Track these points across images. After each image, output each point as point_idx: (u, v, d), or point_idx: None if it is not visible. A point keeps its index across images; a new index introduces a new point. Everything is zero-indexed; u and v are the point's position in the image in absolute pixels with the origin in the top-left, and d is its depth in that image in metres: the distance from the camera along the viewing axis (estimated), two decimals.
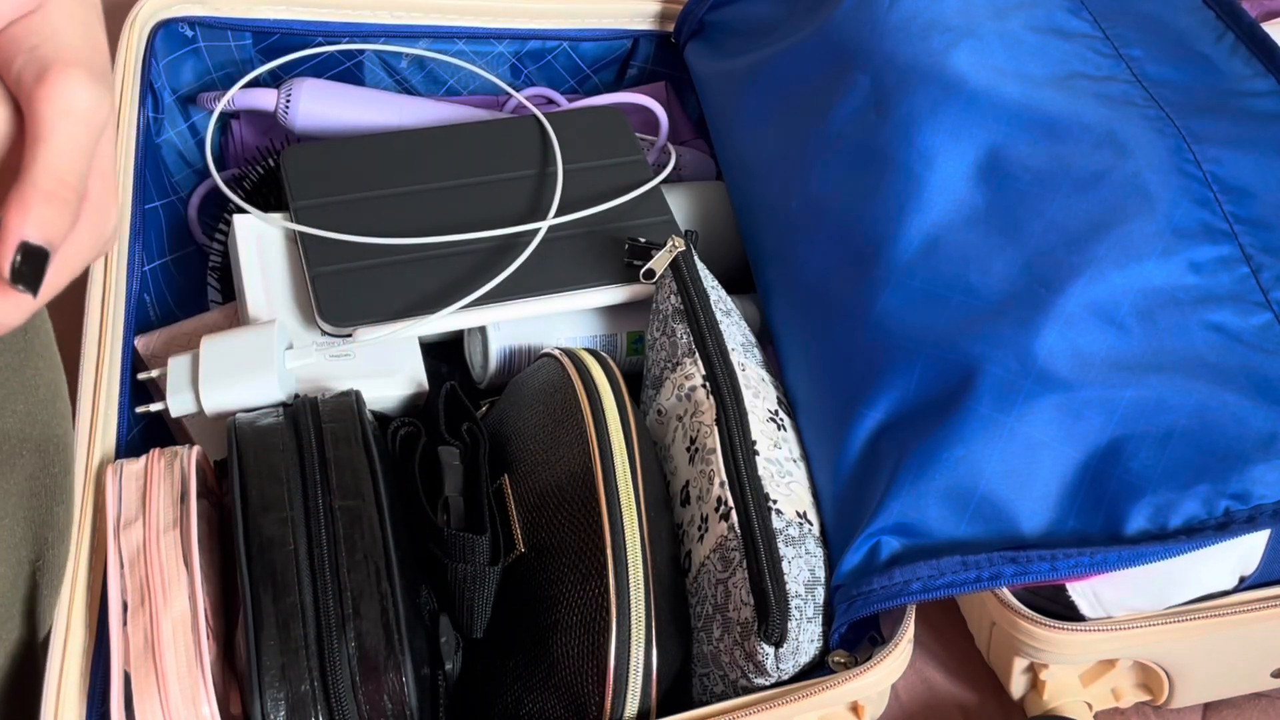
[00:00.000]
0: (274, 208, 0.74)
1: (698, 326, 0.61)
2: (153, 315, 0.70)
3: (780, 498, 0.55)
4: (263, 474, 0.53)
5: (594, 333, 0.70)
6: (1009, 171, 0.60)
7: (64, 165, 0.35)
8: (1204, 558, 0.53)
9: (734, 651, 0.52)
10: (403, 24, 0.79)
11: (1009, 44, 0.65)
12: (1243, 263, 0.57)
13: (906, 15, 0.67)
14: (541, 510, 0.55)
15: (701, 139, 0.86)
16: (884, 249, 0.60)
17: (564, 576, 0.52)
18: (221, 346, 0.60)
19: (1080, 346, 0.55)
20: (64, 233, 0.36)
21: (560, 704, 0.52)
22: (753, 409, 0.58)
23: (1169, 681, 0.59)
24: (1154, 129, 0.61)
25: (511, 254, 0.68)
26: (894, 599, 0.52)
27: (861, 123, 0.65)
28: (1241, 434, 0.52)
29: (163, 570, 0.51)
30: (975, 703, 0.64)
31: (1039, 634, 0.54)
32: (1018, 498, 0.53)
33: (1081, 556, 0.50)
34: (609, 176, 0.73)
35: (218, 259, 0.76)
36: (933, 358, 0.56)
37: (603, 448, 0.55)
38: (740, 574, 0.53)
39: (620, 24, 0.84)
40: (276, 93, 0.76)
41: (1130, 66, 0.65)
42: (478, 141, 0.74)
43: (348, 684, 0.48)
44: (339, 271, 0.66)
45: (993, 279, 0.57)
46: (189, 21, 0.75)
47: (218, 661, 0.51)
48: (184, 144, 0.79)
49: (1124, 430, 0.53)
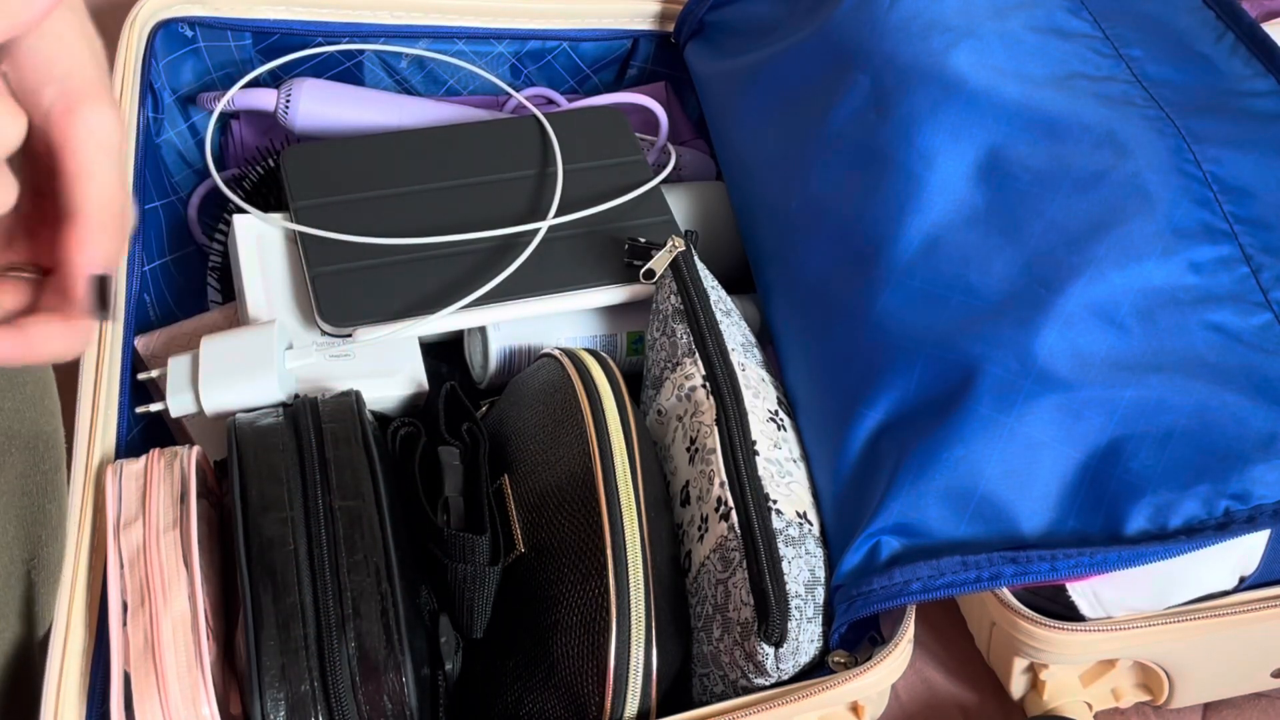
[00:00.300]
0: (274, 208, 0.74)
1: (698, 326, 0.61)
2: (153, 315, 0.70)
3: (780, 498, 0.55)
4: (263, 474, 0.53)
5: (594, 333, 0.70)
6: (1009, 171, 0.60)
7: (109, 197, 0.38)
8: (1204, 558, 0.53)
9: (734, 652, 0.52)
10: (403, 24, 0.79)
11: (1009, 44, 0.65)
12: (1243, 263, 0.57)
13: (906, 15, 0.67)
14: (541, 510, 0.55)
15: (701, 139, 0.86)
16: (884, 249, 0.60)
17: (564, 576, 0.52)
18: (221, 346, 0.60)
19: (1080, 346, 0.55)
20: (120, 256, 0.39)
21: (560, 704, 0.52)
22: (753, 409, 0.58)
23: (1169, 681, 0.59)
24: (1154, 129, 0.61)
25: (511, 254, 0.68)
26: (894, 599, 0.52)
27: (861, 123, 0.65)
28: (1241, 434, 0.52)
29: (163, 570, 0.51)
30: (975, 703, 0.64)
31: (1039, 634, 0.54)
32: (1018, 498, 0.53)
33: (1081, 556, 0.50)
34: (609, 176, 0.73)
35: (218, 259, 0.76)
36: (933, 358, 0.56)
37: (603, 448, 0.55)
38: (740, 574, 0.52)
39: (620, 24, 0.84)
40: (276, 93, 0.76)
41: (1130, 66, 0.65)
42: (477, 141, 0.74)
43: (348, 684, 0.48)
44: (339, 271, 0.66)
45: (993, 279, 0.57)
46: (189, 21, 0.75)
47: (218, 662, 0.51)
48: (184, 144, 0.79)
49: (1124, 430, 0.53)
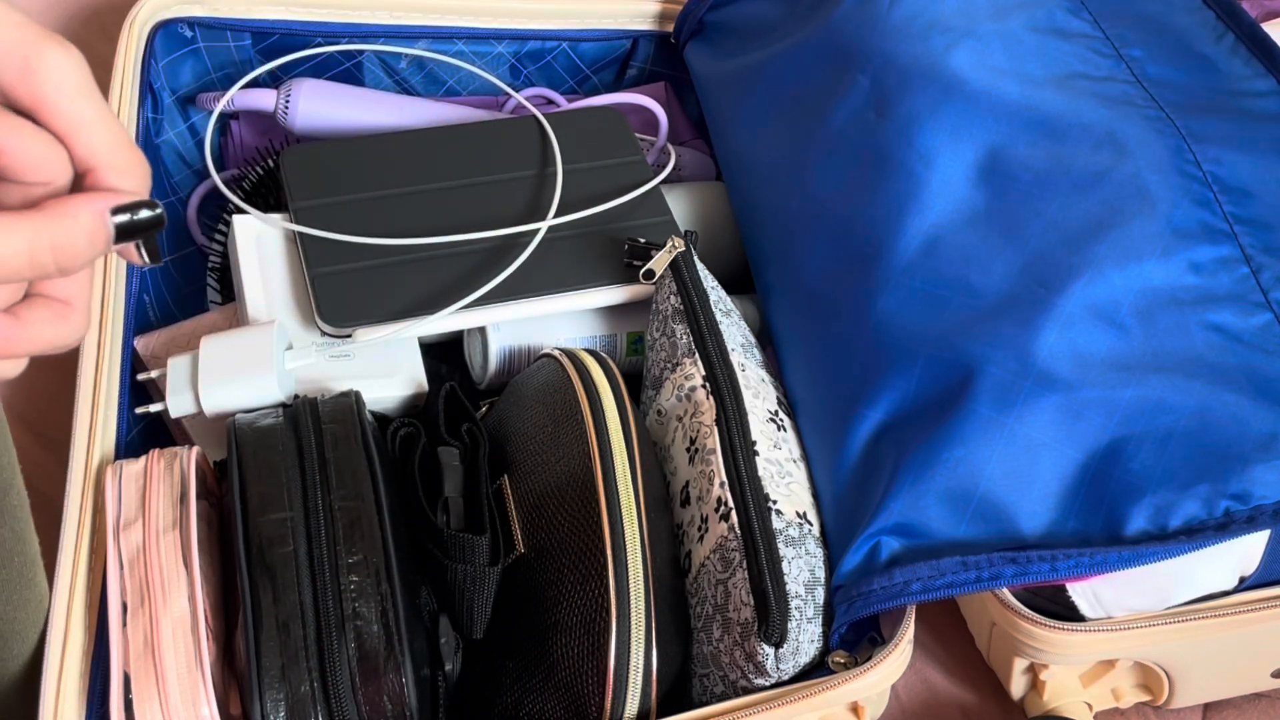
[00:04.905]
0: (274, 208, 0.74)
1: (698, 327, 0.61)
2: (152, 316, 0.70)
3: (780, 498, 0.55)
4: (263, 474, 0.53)
5: (594, 333, 0.70)
6: (1009, 172, 0.60)
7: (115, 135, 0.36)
8: (1204, 558, 0.53)
9: (734, 652, 0.52)
10: (402, 24, 0.79)
11: (1009, 44, 0.65)
12: (1243, 263, 0.57)
13: (907, 15, 0.67)
14: (541, 511, 0.55)
15: (701, 139, 0.86)
16: (884, 249, 0.60)
17: (564, 577, 0.52)
18: (221, 347, 0.60)
19: (1080, 347, 0.55)
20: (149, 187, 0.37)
21: (560, 704, 0.52)
22: (753, 409, 0.58)
23: (1169, 682, 0.59)
24: (1154, 129, 0.61)
25: (511, 254, 0.68)
26: (894, 599, 0.52)
27: (861, 123, 0.65)
28: (1241, 434, 0.52)
29: (162, 571, 0.51)
30: (975, 703, 0.64)
31: (1039, 634, 0.54)
32: (1018, 498, 0.53)
33: (1081, 557, 0.50)
34: (609, 176, 0.73)
35: (217, 259, 0.76)
36: (933, 358, 0.56)
37: (602, 448, 0.55)
38: (740, 574, 0.52)
39: (620, 24, 0.84)
40: (276, 93, 0.76)
41: (1130, 67, 0.65)
42: (477, 142, 0.74)
43: (347, 685, 0.48)
44: (338, 272, 0.66)
45: (993, 279, 0.57)
46: (188, 22, 0.75)
47: (218, 662, 0.51)
48: (183, 144, 0.79)
49: (1124, 431, 0.53)
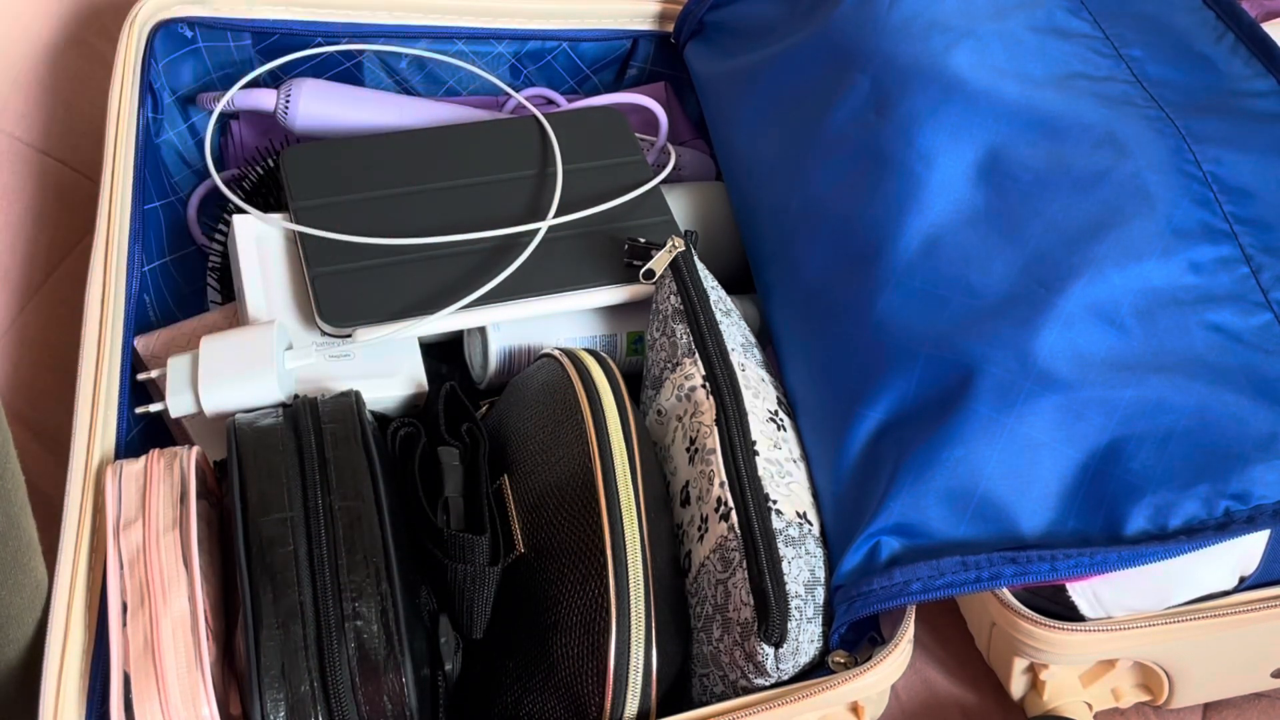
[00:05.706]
0: (274, 208, 0.74)
1: (698, 326, 0.61)
2: (152, 316, 0.70)
3: (780, 498, 0.55)
4: (263, 474, 0.53)
5: (594, 333, 0.70)
6: (1009, 172, 0.60)
7: None
8: (1204, 558, 0.53)
9: (734, 652, 0.52)
10: (402, 24, 0.79)
11: (1009, 44, 0.65)
12: (1243, 263, 0.57)
13: (907, 15, 0.67)
14: (541, 511, 0.55)
15: (701, 139, 0.86)
16: (884, 249, 0.60)
17: (564, 577, 0.52)
18: (221, 347, 0.60)
19: (1080, 347, 0.55)
20: None
21: (560, 704, 0.52)
22: (753, 409, 0.58)
23: (1169, 681, 0.59)
24: (1154, 129, 0.61)
25: (511, 254, 0.68)
26: (894, 599, 0.52)
27: (861, 123, 0.65)
28: (1241, 434, 0.52)
29: (162, 571, 0.51)
30: (975, 703, 0.64)
31: (1039, 634, 0.54)
32: (1018, 498, 0.53)
33: (1081, 557, 0.50)
34: (609, 176, 0.73)
35: (217, 259, 0.76)
36: (933, 358, 0.56)
37: (602, 448, 0.55)
38: (740, 574, 0.52)
39: (620, 24, 0.84)
40: (276, 93, 0.76)
41: (1130, 67, 0.65)
42: (477, 142, 0.74)
43: (347, 685, 0.48)
44: (339, 272, 0.66)
45: (993, 279, 0.57)
46: (188, 22, 0.75)
47: (217, 662, 0.51)
48: (183, 144, 0.79)
49: (1124, 430, 0.53)
